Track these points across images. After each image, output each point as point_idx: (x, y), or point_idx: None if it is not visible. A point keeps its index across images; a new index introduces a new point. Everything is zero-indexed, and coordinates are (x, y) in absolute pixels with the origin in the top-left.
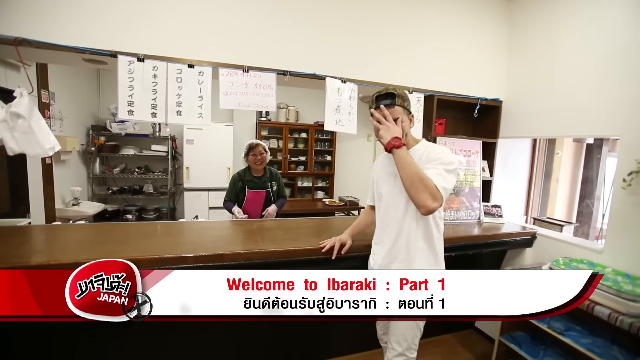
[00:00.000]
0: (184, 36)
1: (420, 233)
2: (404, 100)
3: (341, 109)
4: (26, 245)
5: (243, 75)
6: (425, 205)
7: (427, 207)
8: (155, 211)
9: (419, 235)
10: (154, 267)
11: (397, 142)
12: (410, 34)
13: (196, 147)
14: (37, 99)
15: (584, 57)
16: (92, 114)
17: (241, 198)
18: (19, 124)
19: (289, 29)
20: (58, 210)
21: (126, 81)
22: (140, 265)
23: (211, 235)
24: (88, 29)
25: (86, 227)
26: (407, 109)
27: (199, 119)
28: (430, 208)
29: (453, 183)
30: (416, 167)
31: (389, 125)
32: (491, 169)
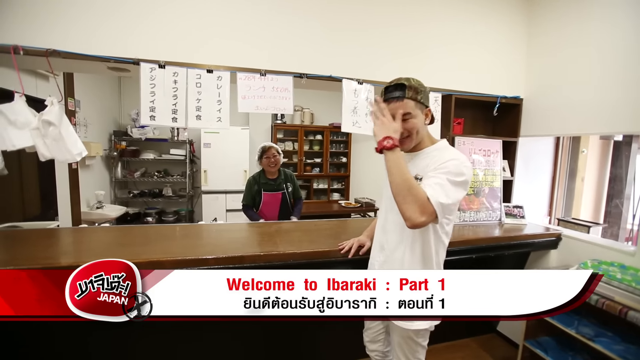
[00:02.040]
0: (202, 42)
1: (418, 248)
2: (417, 92)
3: (358, 110)
4: (54, 247)
5: (260, 78)
6: (411, 219)
7: (412, 221)
8: (175, 214)
9: (416, 250)
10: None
11: (388, 143)
12: (426, 33)
13: (213, 151)
14: (65, 106)
15: (616, 50)
16: (114, 120)
17: (257, 201)
18: (50, 131)
19: (304, 32)
20: (83, 214)
21: (148, 87)
22: (163, 266)
23: (230, 237)
24: (112, 39)
25: (110, 229)
26: (421, 102)
27: (217, 122)
28: (415, 222)
29: (458, 198)
30: (406, 173)
31: (384, 121)
32: (512, 169)
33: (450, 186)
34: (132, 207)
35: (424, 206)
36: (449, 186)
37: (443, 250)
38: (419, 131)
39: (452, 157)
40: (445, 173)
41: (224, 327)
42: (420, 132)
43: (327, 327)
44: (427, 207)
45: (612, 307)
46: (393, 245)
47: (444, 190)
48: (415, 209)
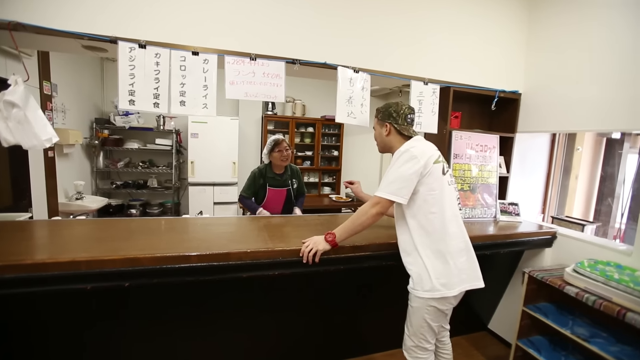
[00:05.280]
0: (188, 22)
1: (403, 237)
2: (378, 112)
3: (353, 100)
4: (26, 242)
5: (250, 63)
6: (368, 214)
7: (372, 216)
8: (160, 206)
9: (401, 238)
10: (156, 266)
11: (332, 241)
12: (426, 23)
13: (201, 141)
14: (39, 90)
15: (613, 49)
16: (95, 107)
17: (261, 196)
18: (14, 114)
19: (298, 16)
20: (61, 205)
21: (127, 69)
22: (141, 264)
23: (216, 232)
24: (87, 13)
25: (87, 222)
26: (379, 119)
27: (203, 109)
28: (372, 214)
29: (404, 172)
30: (347, 222)
31: (309, 243)
32: (508, 165)
33: (394, 173)
34: (115, 198)
35: (367, 210)
36: (392, 176)
37: (422, 236)
38: (381, 140)
39: (397, 156)
40: (388, 173)
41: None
42: (381, 140)
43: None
44: (372, 206)
45: (610, 308)
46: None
47: (386, 182)
48: (365, 218)
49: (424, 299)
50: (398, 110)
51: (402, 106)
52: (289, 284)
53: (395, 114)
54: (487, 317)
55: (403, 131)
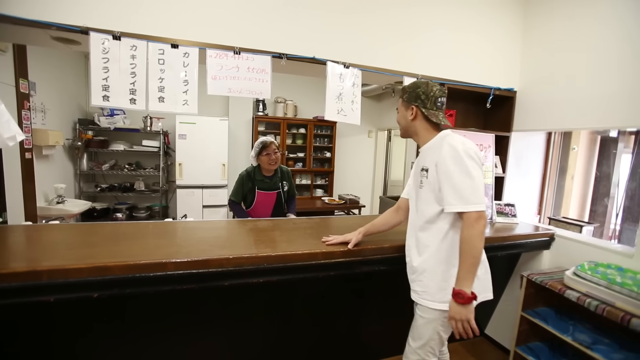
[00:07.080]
0: (166, 12)
1: (442, 244)
2: (404, 92)
3: (343, 96)
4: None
5: (234, 57)
6: (483, 236)
7: (482, 233)
8: (147, 209)
9: (440, 246)
10: (128, 275)
11: (471, 298)
12: (420, 19)
13: (189, 143)
14: (15, 88)
15: (609, 46)
16: (79, 107)
17: (249, 199)
18: None
19: (286, 7)
20: (40, 209)
21: (100, 62)
22: (112, 272)
23: (199, 237)
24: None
25: (57, 227)
26: (404, 100)
27: (184, 106)
28: (477, 230)
29: (477, 178)
30: (465, 263)
31: (456, 319)
32: (503, 165)
33: (467, 180)
34: (100, 202)
35: (472, 225)
36: (464, 185)
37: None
38: (405, 124)
39: (449, 159)
40: (454, 183)
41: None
42: (405, 124)
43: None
44: (476, 221)
45: (614, 313)
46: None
47: (466, 189)
48: (472, 233)
49: (439, 311)
50: (427, 92)
51: (433, 87)
52: (276, 291)
53: (424, 95)
54: (484, 322)
55: (431, 117)
